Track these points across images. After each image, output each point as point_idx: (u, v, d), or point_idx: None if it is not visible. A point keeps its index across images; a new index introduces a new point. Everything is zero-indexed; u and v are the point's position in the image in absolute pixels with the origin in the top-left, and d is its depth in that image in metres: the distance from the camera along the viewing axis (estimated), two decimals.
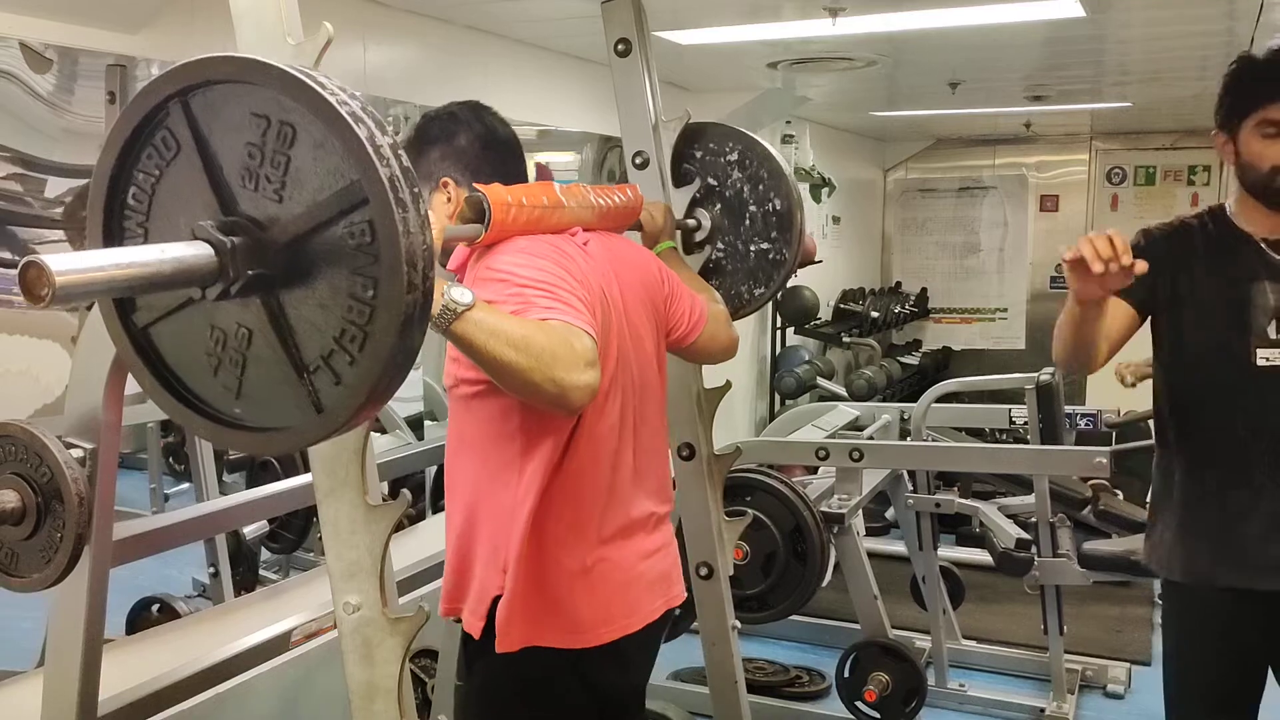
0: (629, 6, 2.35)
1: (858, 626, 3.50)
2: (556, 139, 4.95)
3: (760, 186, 2.41)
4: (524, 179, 1.90)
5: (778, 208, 2.41)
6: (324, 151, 1.03)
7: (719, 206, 2.45)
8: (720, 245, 2.46)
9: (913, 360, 7.73)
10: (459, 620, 1.83)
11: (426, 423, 4.05)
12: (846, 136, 7.73)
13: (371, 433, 3.58)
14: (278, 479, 3.28)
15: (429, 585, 2.86)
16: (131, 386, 1.60)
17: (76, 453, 1.49)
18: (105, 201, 1.14)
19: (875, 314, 7.49)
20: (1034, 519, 3.66)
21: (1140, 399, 5.22)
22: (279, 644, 2.13)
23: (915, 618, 4.08)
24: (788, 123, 6.28)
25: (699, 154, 2.45)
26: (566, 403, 1.49)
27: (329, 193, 1.04)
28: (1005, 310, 8.44)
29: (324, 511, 1.35)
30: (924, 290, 8.51)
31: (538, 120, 4.40)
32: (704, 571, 2.50)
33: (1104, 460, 3.04)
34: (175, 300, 1.13)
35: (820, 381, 6.47)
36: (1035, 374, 3.74)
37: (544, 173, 5.08)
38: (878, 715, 3.41)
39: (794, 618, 3.45)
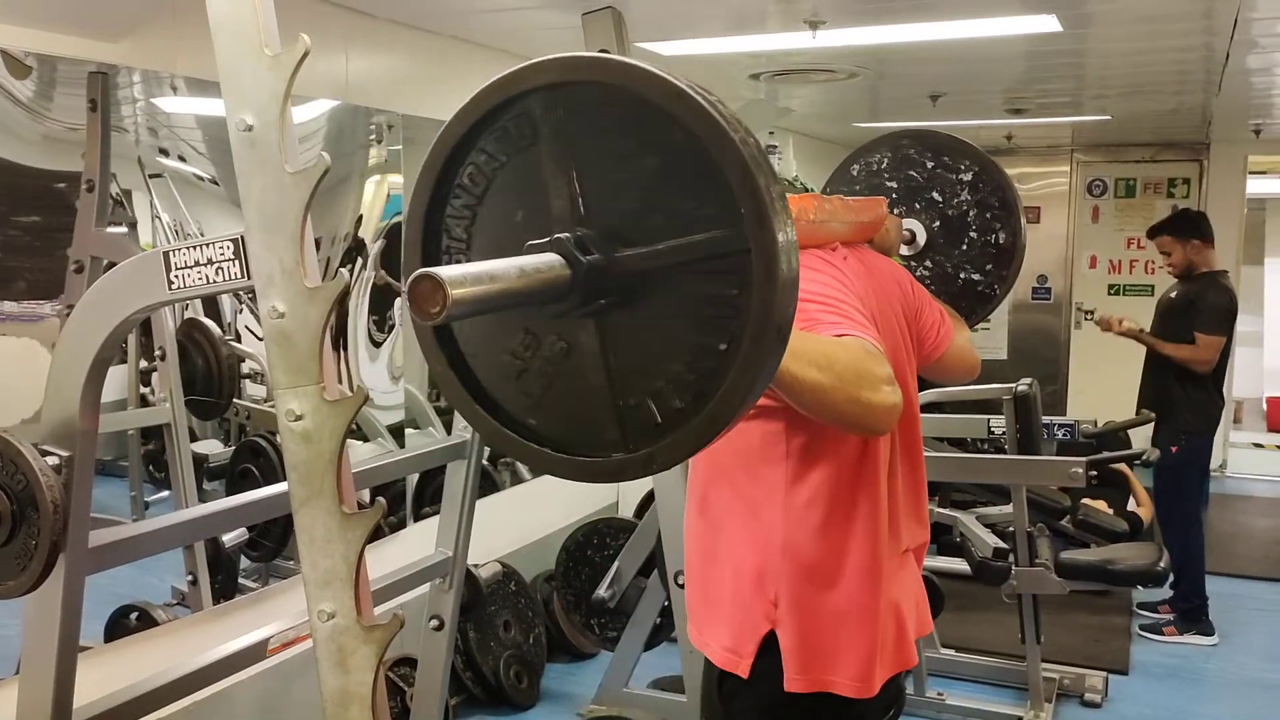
0: (609, 18, 2.37)
1: None
2: None
3: (988, 214, 2.25)
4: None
5: (1001, 241, 2.25)
6: (707, 186, 0.94)
7: (938, 223, 2.29)
8: (928, 263, 2.31)
9: None
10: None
11: (408, 431, 4.05)
12: (830, 147, 7.76)
13: (352, 440, 3.57)
14: (257, 487, 3.28)
15: (409, 594, 2.86)
16: (105, 395, 1.61)
17: (52, 460, 1.50)
18: (440, 173, 1.06)
19: None
20: (1012, 528, 3.68)
21: (1118, 408, 5.27)
22: (256, 652, 2.12)
23: None
24: (770, 134, 6.31)
25: (930, 163, 2.29)
26: (870, 425, 1.39)
27: (704, 231, 0.95)
28: (987, 320, 8.47)
29: (300, 520, 1.36)
30: None
31: None
32: (682, 580, 2.51)
33: (1079, 470, 3.07)
34: None
35: None
36: (1013, 384, 3.76)
37: None
38: None
39: None
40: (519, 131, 1.03)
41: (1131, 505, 5.21)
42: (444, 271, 0.84)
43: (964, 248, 2.27)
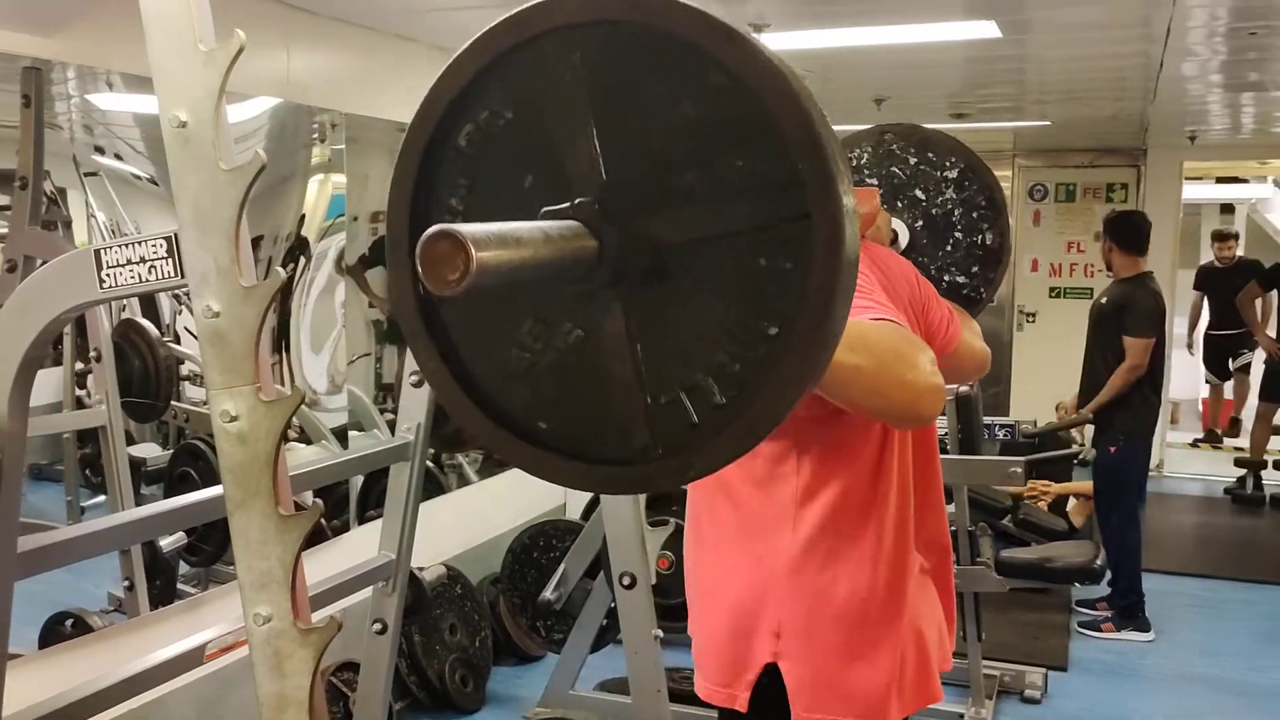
0: None
1: None
2: None
3: (974, 214, 2.13)
4: None
5: (987, 242, 2.14)
6: (757, 140, 0.81)
7: (921, 223, 2.16)
8: None
9: None
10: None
11: (351, 433, 4.01)
12: None
13: (295, 443, 3.51)
14: (197, 490, 3.22)
15: (352, 598, 2.83)
16: (39, 397, 1.57)
17: None
18: (433, 134, 0.92)
19: None
20: (954, 527, 3.72)
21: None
22: (193, 658, 2.08)
23: None
24: None
25: (914, 159, 2.16)
26: (917, 410, 1.26)
27: (753, 194, 0.82)
28: None
29: (235, 522, 1.34)
30: None
31: None
32: (626, 580, 2.51)
33: (1019, 470, 3.12)
34: None
35: None
36: (955, 385, 3.81)
37: None
38: None
39: None
40: (528, 82, 0.89)
41: (1070, 505, 5.31)
42: (467, 229, 0.71)
43: (948, 249, 2.16)
